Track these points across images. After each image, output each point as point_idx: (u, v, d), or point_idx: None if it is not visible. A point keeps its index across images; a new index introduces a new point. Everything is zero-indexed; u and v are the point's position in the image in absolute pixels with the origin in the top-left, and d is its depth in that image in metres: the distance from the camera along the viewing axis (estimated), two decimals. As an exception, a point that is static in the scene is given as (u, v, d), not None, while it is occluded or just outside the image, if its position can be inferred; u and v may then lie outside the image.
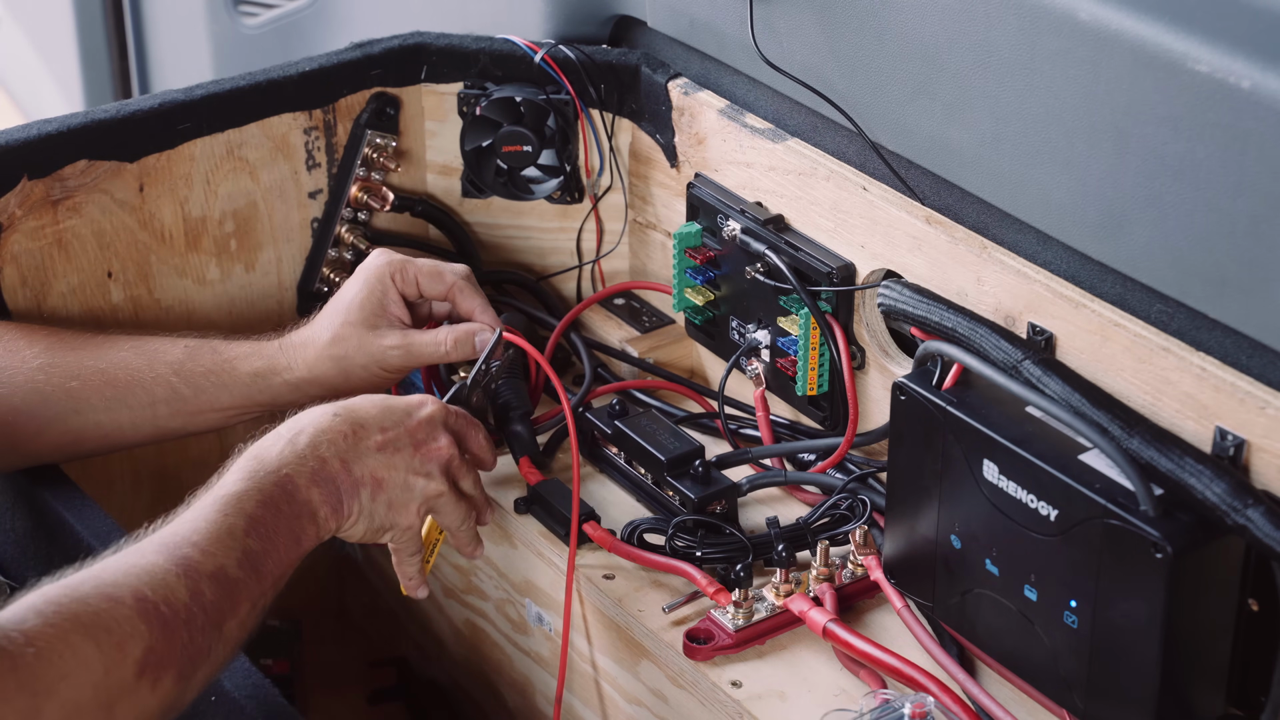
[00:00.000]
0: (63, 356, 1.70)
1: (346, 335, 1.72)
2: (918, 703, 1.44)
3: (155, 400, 1.71)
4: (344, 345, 1.72)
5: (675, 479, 1.69)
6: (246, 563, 1.39)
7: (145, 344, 1.73)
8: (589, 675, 1.71)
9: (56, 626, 1.23)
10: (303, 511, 1.47)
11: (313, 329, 1.74)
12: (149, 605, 1.29)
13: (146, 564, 1.33)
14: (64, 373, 1.69)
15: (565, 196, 1.98)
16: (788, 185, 1.77)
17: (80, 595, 1.26)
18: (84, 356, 1.71)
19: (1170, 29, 1.37)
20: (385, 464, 1.53)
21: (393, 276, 1.73)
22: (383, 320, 1.73)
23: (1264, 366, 1.38)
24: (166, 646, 1.29)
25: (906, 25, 1.60)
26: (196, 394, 1.72)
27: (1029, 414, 1.46)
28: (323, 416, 1.52)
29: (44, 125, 1.80)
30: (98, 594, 1.27)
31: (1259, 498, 1.33)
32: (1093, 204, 1.47)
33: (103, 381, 1.70)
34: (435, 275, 1.74)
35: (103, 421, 1.71)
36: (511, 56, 1.95)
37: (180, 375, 1.71)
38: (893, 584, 1.58)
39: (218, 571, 1.36)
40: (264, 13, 2.74)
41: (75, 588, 1.27)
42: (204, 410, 1.73)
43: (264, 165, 1.93)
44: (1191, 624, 1.36)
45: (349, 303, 1.73)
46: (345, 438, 1.51)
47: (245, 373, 1.72)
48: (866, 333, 1.72)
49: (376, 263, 1.74)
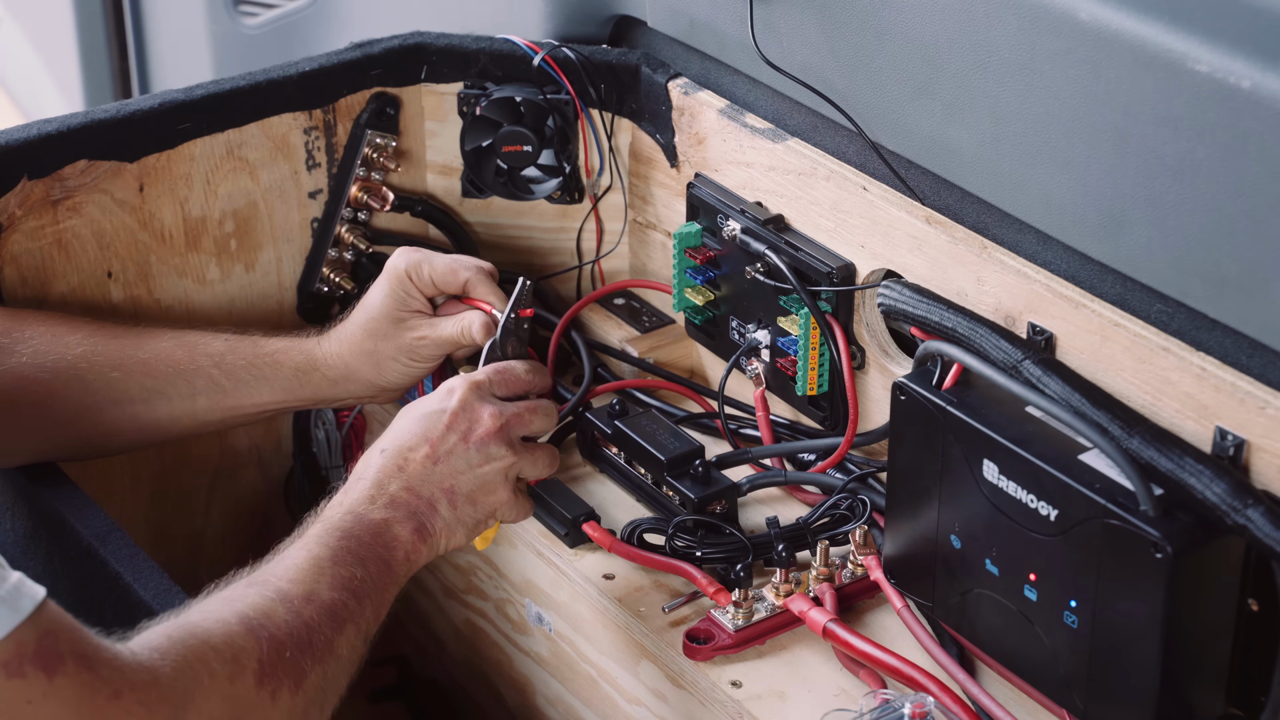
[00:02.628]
0: (104, 344, 1.72)
1: (375, 330, 1.76)
2: (918, 703, 1.44)
3: (195, 392, 1.74)
4: (374, 341, 1.76)
5: (675, 479, 1.69)
6: (338, 586, 1.43)
7: (185, 336, 1.76)
8: (589, 675, 1.71)
9: (185, 645, 1.30)
10: (382, 534, 1.49)
11: (347, 327, 1.78)
12: (254, 624, 1.35)
13: (242, 595, 1.38)
14: (106, 361, 1.71)
15: (565, 196, 1.98)
16: (788, 185, 1.77)
17: (191, 623, 1.33)
18: (125, 346, 1.73)
19: (1170, 29, 1.37)
20: (447, 472, 1.55)
21: (410, 276, 1.76)
22: (407, 315, 1.76)
23: (1264, 366, 1.38)
24: (276, 660, 1.34)
25: (906, 25, 1.60)
26: (237, 386, 1.75)
27: (1029, 414, 1.46)
28: (372, 458, 1.55)
29: (44, 125, 1.80)
30: (206, 620, 1.34)
31: (1259, 498, 1.33)
32: (1093, 204, 1.47)
33: (144, 372, 1.72)
34: (450, 273, 1.77)
35: (139, 413, 1.72)
36: (511, 56, 1.95)
37: (221, 368, 1.74)
38: (893, 584, 1.58)
39: (311, 595, 1.41)
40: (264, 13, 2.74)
41: (184, 619, 1.33)
42: (243, 404, 1.76)
43: (264, 165, 1.93)
44: (1191, 624, 1.36)
45: (376, 300, 1.77)
46: (400, 468, 1.54)
47: (288, 368, 1.76)
48: (866, 333, 1.72)
49: (396, 264, 1.78)
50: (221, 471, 2.06)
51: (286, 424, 2.06)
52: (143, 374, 1.72)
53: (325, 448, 2.01)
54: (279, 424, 2.06)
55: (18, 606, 1.19)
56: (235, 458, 2.06)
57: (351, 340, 1.77)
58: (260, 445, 2.08)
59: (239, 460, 2.07)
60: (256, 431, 2.06)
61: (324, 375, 1.77)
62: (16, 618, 1.18)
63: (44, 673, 1.19)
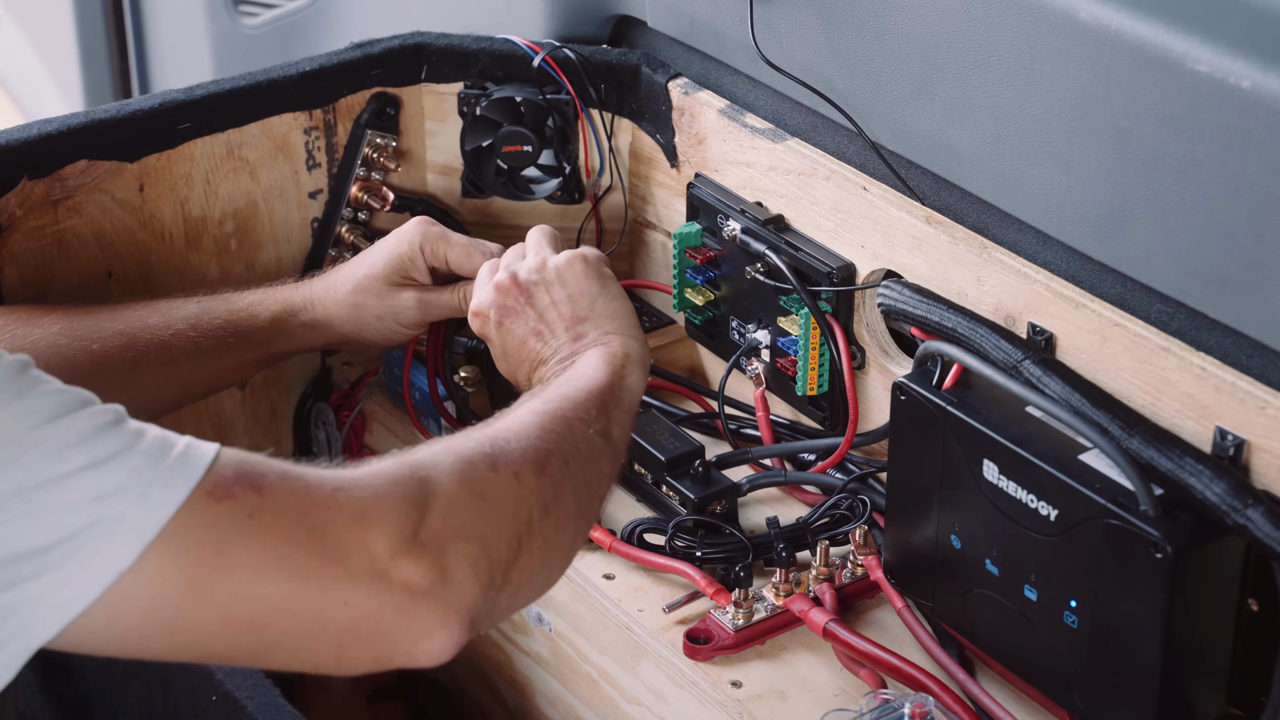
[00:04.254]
0: (80, 321, 1.72)
1: (367, 287, 1.75)
2: (918, 703, 1.44)
3: (175, 357, 1.73)
4: (363, 295, 1.75)
5: (675, 479, 1.69)
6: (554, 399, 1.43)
7: (158, 304, 1.76)
8: (589, 675, 1.71)
9: (403, 453, 1.27)
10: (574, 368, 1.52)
11: (336, 276, 1.77)
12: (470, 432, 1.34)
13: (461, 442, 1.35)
14: (84, 335, 1.71)
15: (565, 196, 1.98)
16: (788, 185, 1.77)
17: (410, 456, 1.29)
18: (101, 320, 1.73)
19: (1170, 29, 1.37)
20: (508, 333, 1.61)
21: (423, 248, 1.75)
22: (405, 281, 1.76)
23: (1264, 366, 1.38)
24: (504, 449, 1.31)
25: (906, 25, 1.60)
26: (216, 346, 1.74)
27: (1029, 414, 1.46)
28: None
29: (44, 125, 1.80)
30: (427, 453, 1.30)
31: (1259, 498, 1.33)
32: (1093, 204, 1.47)
33: (123, 342, 1.72)
34: (466, 256, 1.75)
35: (125, 383, 1.72)
36: (511, 56, 1.95)
37: (198, 329, 1.74)
38: (893, 584, 1.58)
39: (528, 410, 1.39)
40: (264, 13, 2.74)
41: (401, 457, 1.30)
42: (225, 363, 1.76)
43: (264, 165, 1.93)
44: (1191, 624, 1.36)
45: (377, 258, 1.76)
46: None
47: (264, 319, 1.75)
48: (866, 333, 1.72)
49: (412, 232, 1.76)
50: (221, 471, 2.06)
51: (286, 424, 2.06)
52: (122, 344, 1.72)
53: (325, 448, 2.01)
54: (279, 424, 2.06)
55: (201, 454, 1.17)
56: (235, 458, 2.06)
57: (335, 290, 1.76)
58: (260, 445, 2.06)
59: (239, 460, 2.06)
60: (256, 431, 2.05)
61: (300, 320, 1.76)
62: (204, 459, 1.17)
63: (252, 489, 1.17)
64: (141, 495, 1.14)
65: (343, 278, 1.76)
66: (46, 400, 1.16)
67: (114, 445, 1.15)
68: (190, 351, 1.73)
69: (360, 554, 1.19)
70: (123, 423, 1.17)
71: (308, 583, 1.17)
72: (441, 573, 1.21)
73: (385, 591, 1.19)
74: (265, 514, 1.17)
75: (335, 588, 1.18)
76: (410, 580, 1.19)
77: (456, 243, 1.75)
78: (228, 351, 1.75)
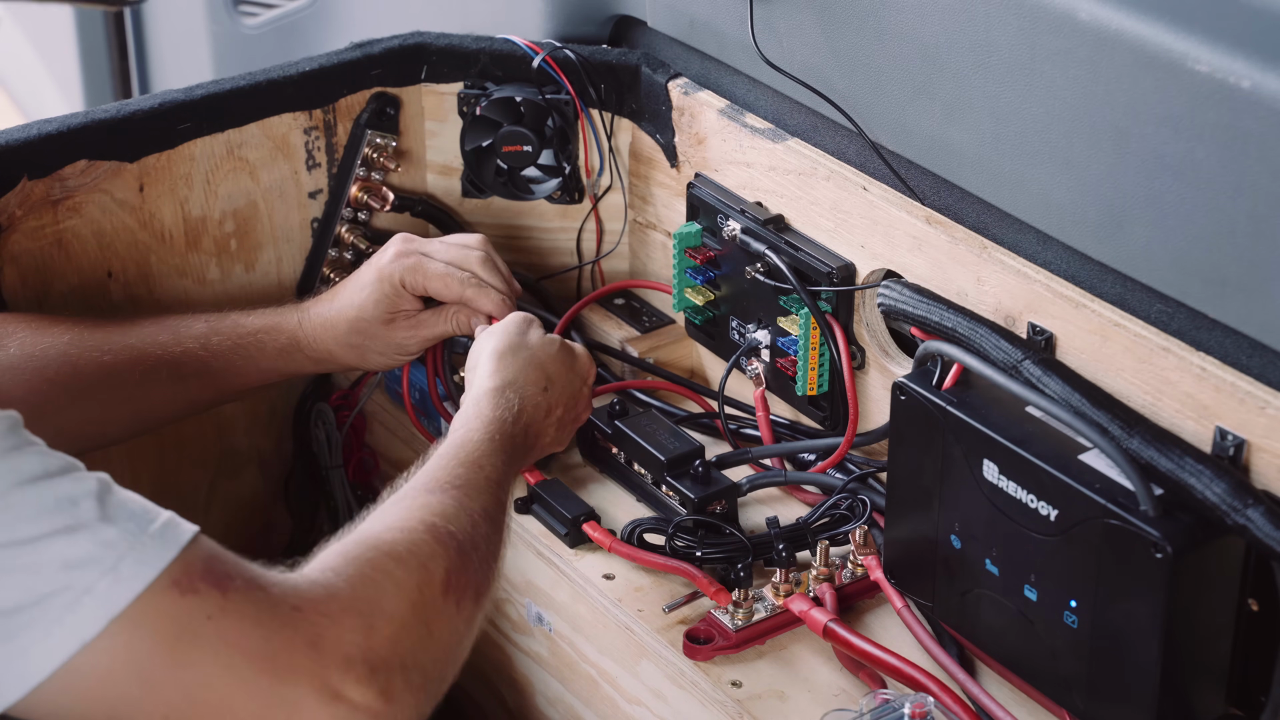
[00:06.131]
0: (91, 333, 1.73)
1: (362, 329, 1.78)
2: (918, 703, 1.44)
3: (185, 374, 1.75)
4: (360, 337, 1.78)
5: (675, 479, 1.69)
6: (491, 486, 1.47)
7: (167, 321, 1.78)
8: (589, 675, 1.70)
9: (367, 560, 1.29)
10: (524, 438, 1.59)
11: (333, 312, 1.79)
12: (441, 532, 1.35)
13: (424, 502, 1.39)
14: (95, 347, 1.72)
15: (565, 196, 1.98)
16: (788, 185, 1.77)
17: (373, 534, 1.33)
18: (111, 334, 1.74)
19: (1170, 29, 1.37)
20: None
21: (403, 282, 1.77)
22: (396, 316, 1.78)
23: (1264, 366, 1.38)
24: (462, 568, 1.34)
25: (906, 25, 1.60)
26: (224, 367, 1.77)
27: (1029, 414, 1.46)
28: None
29: (44, 125, 1.80)
30: (390, 531, 1.33)
31: (1259, 498, 1.33)
32: (1093, 204, 1.47)
33: (133, 356, 1.73)
34: (444, 285, 1.77)
35: (134, 396, 1.73)
36: (511, 56, 1.95)
37: (207, 349, 1.76)
38: (893, 584, 1.58)
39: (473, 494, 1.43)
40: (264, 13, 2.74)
41: (364, 532, 1.33)
42: (232, 383, 1.79)
43: (264, 165, 1.93)
44: (1191, 624, 1.36)
45: (366, 300, 1.78)
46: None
47: (272, 349, 1.78)
48: (866, 333, 1.72)
49: (390, 268, 1.78)
50: (221, 471, 2.06)
51: (286, 424, 2.06)
52: (131, 358, 1.73)
53: (325, 448, 2.01)
54: (279, 424, 2.06)
55: (177, 534, 1.18)
56: (235, 458, 2.06)
57: (335, 330, 1.78)
58: (260, 445, 2.08)
59: (239, 460, 2.07)
60: (256, 431, 2.05)
61: (307, 356, 1.79)
62: (180, 541, 1.18)
63: (217, 589, 1.18)
64: (112, 568, 1.15)
65: (340, 320, 1.78)
66: (30, 461, 1.16)
67: (91, 513, 1.16)
68: (200, 370, 1.76)
69: (310, 679, 1.21)
70: (106, 492, 1.18)
71: (254, 698, 1.20)
72: (387, 697, 1.24)
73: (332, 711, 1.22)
74: (224, 619, 1.19)
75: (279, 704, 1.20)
76: (356, 702, 1.22)
77: (434, 273, 1.76)
78: (236, 374, 1.78)
